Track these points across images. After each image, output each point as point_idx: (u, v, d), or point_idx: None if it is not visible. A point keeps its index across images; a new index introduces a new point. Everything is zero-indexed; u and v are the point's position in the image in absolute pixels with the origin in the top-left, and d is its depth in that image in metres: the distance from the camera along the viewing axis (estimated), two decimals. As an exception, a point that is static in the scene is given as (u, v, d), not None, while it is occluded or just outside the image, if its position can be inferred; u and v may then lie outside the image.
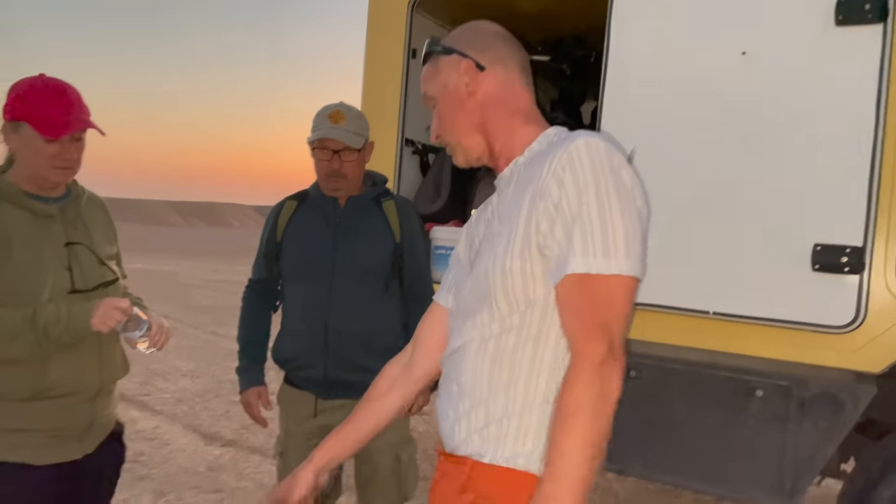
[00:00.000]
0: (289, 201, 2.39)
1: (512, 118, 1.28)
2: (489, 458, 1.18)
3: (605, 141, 1.15)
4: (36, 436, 1.72)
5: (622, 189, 1.12)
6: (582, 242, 1.09)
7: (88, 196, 1.92)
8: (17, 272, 1.68)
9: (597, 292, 1.09)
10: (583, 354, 1.08)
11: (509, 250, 1.17)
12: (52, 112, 1.70)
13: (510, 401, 1.18)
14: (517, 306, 1.17)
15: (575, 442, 1.04)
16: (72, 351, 1.72)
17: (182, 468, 4.14)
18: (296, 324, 2.29)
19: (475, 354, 1.22)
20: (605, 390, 1.06)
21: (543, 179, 1.14)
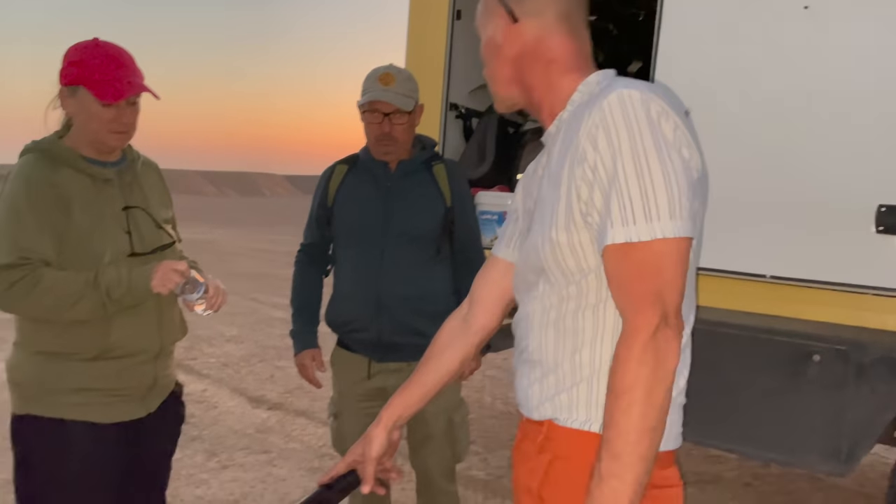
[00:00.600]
0: (339, 165, 2.39)
1: (548, 70, 1.22)
2: (563, 421, 1.18)
3: (642, 90, 1.07)
4: (101, 395, 1.77)
5: (662, 142, 1.04)
6: (619, 209, 1.03)
7: (143, 160, 1.94)
8: (79, 235, 1.71)
9: (642, 261, 1.03)
10: (633, 327, 1.04)
11: (554, 222, 1.13)
12: (109, 76, 1.71)
13: (577, 369, 1.16)
14: (572, 276, 1.15)
15: (632, 419, 1.01)
16: (133, 313, 1.76)
17: (231, 430, 4.25)
18: (348, 287, 2.30)
19: (539, 324, 1.21)
20: (659, 362, 1.02)
21: (579, 141, 1.09)
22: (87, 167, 1.76)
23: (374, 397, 2.34)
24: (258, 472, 3.66)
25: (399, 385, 2.26)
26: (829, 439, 2.35)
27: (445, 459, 2.35)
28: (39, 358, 1.72)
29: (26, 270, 1.62)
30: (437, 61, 3.15)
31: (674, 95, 1.20)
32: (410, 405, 1.47)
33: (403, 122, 2.22)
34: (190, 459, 3.72)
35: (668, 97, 1.13)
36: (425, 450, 2.31)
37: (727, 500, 3.49)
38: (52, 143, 1.75)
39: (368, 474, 1.42)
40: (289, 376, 5.51)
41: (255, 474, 3.64)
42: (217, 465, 3.72)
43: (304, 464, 3.79)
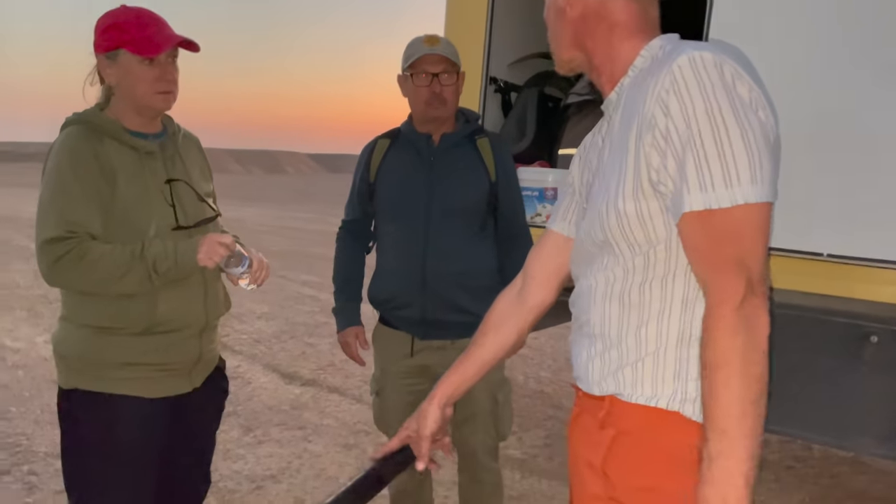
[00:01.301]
0: (381, 140, 2.34)
1: (611, 33, 1.17)
2: (627, 397, 1.14)
3: (714, 52, 1.02)
4: (148, 369, 1.75)
5: (739, 104, 0.99)
6: (696, 174, 0.99)
7: (184, 133, 1.91)
8: (124, 208, 1.68)
9: (722, 228, 0.99)
10: (719, 298, 0.99)
11: (621, 190, 1.08)
12: (147, 31, 1.70)
13: (642, 343, 1.12)
14: (639, 248, 1.10)
15: (733, 394, 0.96)
16: (179, 287, 1.74)
17: (266, 405, 4.26)
18: (391, 263, 2.26)
19: (602, 297, 1.16)
20: (752, 331, 0.97)
21: (647, 107, 1.04)
22: (131, 139, 1.73)
23: (416, 375, 2.30)
24: (294, 448, 3.67)
25: (442, 363, 2.26)
26: (885, 422, 2.28)
27: (489, 437, 2.32)
28: (86, 332, 1.71)
29: (73, 244, 1.60)
30: (478, 33, 3.07)
31: (745, 57, 1.12)
32: (464, 382, 1.45)
33: (452, 84, 2.17)
34: (226, 434, 3.73)
35: (740, 59, 1.06)
36: (469, 427, 2.28)
37: (769, 482, 3.43)
38: (95, 115, 1.72)
39: (423, 451, 1.41)
40: (320, 353, 5.53)
41: (290, 450, 3.65)
42: (253, 440, 3.73)
43: (339, 440, 3.79)
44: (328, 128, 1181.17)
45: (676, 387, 1.09)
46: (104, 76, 1.74)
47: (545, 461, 3.60)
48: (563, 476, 3.43)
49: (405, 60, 2.18)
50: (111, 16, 1.73)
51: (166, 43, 1.71)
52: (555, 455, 3.67)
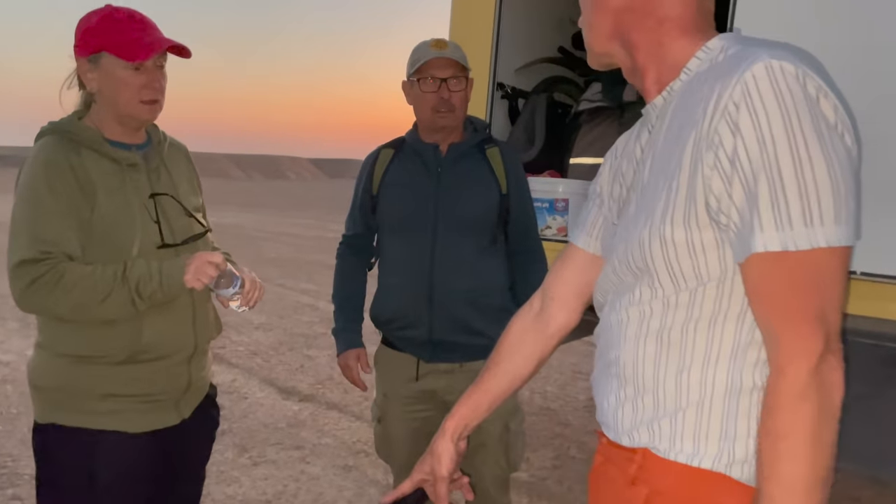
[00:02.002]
0: (384, 150, 2.19)
1: (659, 29, 1.01)
2: (664, 453, 0.98)
3: (794, 61, 0.86)
4: (132, 401, 1.61)
5: (823, 127, 0.84)
6: (772, 209, 0.83)
7: (170, 142, 1.77)
8: (104, 225, 1.54)
9: (800, 274, 0.84)
10: (792, 355, 0.85)
11: (668, 215, 0.93)
12: (133, 35, 1.56)
13: (682, 391, 0.97)
14: (684, 283, 0.95)
15: (799, 469, 0.83)
16: (165, 310, 1.60)
17: (262, 423, 4.11)
18: (396, 280, 2.11)
19: (635, 335, 1.01)
20: (827, 396, 0.83)
21: (711, 120, 0.88)
22: (112, 150, 1.59)
23: (422, 400, 2.16)
24: (291, 470, 3.52)
25: (449, 388, 2.11)
26: (922, 451, 2.13)
27: (500, 469, 2.17)
28: (65, 361, 1.56)
29: (48, 266, 1.46)
30: (485, 36, 2.93)
31: (821, 65, 0.97)
32: (477, 414, 1.30)
33: (461, 89, 2.04)
34: (220, 455, 3.58)
35: (819, 69, 0.91)
36: (478, 458, 2.13)
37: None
38: (72, 124, 1.58)
39: (441, 493, 1.27)
40: (319, 366, 5.38)
41: (287, 472, 3.49)
42: (248, 461, 3.58)
43: (338, 461, 3.63)
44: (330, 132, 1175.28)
45: (723, 446, 0.95)
46: (84, 81, 1.60)
47: (554, 484, 3.44)
48: (573, 500, 3.28)
49: (411, 65, 2.04)
50: (95, 15, 1.59)
51: (155, 47, 1.57)
52: (564, 478, 3.51)
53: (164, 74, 1.64)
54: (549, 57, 3.46)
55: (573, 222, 2.83)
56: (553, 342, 1.29)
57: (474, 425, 1.32)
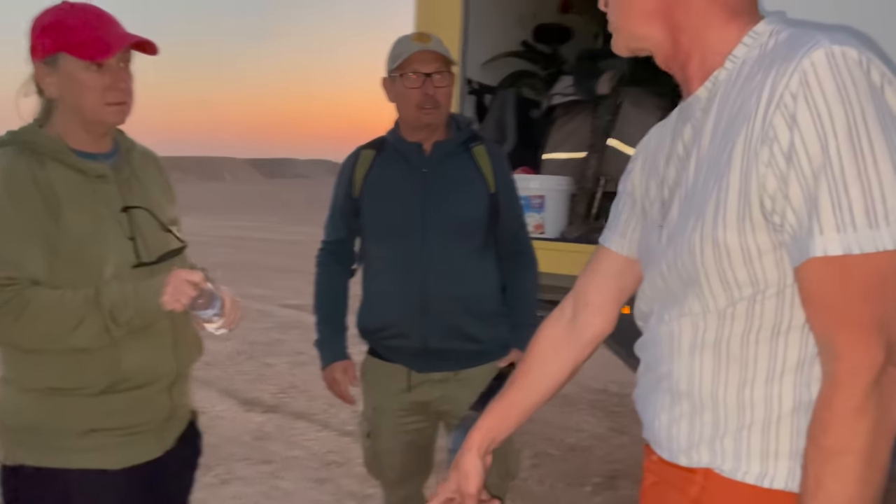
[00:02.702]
0: (364, 150, 2.09)
1: (710, 8, 0.93)
2: (729, 473, 0.92)
3: (857, 46, 0.80)
4: (111, 435, 1.47)
5: (889, 120, 0.78)
6: (833, 209, 0.77)
7: (140, 150, 1.63)
8: (73, 244, 1.40)
9: (861, 279, 0.78)
10: (851, 367, 0.79)
11: (720, 217, 0.86)
12: (93, 33, 1.41)
13: (746, 408, 0.91)
14: (739, 292, 0.88)
15: (848, 488, 0.78)
16: (145, 335, 1.46)
17: (226, 438, 3.93)
18: (385, 288, 2.01)
19: (690, 347, 0.95)
20: (884, 412, 0.78)
21: (765, 113, 0.82)
22: (78, 161, 1.44)
23: (415, 412, 2.06)
24: (261, 486, 3.37)
25: (444, 397, 2.02)
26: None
27: (498, 477, 2.09)
28: (34, 396, 1.41)
29: (12, 292, 1.31)
30: (453, 32, 2.84)
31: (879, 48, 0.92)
32: (505, 426, 1.23)
33: (446, 85, 1.94)
34: (186, 475, 3.40)
35: (878, 51, 0.86)
36: (474, 469, 2.04)
37: None
38: (34, 133, 1.43)
39: None
40: (280, 374, 5.21)
41: (258, 488, 3.34)
42: (216, 479, 3.40)
43: (311, 473, 3.50)
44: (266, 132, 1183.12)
45: (793, 464, 0.89)
46: (43, 87, 1.44)
47: (535, 485, 3.40)
48: (556, 500, 3.24)
49: (393, 60, 1.94)
50: (49, 14, 1.43)
51: (118, 44, 1.42)
52: (545, 477, 3.47)
53: (131, 73, 1.50)
54: (513, 51, 3.40)
55: (550, 218, 2.78)
56: (589, 349, 1.22)
57: (502, 438, 1.24)
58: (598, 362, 5.78)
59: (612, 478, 3.45)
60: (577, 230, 2.73)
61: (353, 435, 3.95)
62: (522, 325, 2.06)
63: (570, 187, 2.82)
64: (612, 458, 3.70)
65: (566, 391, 4.78)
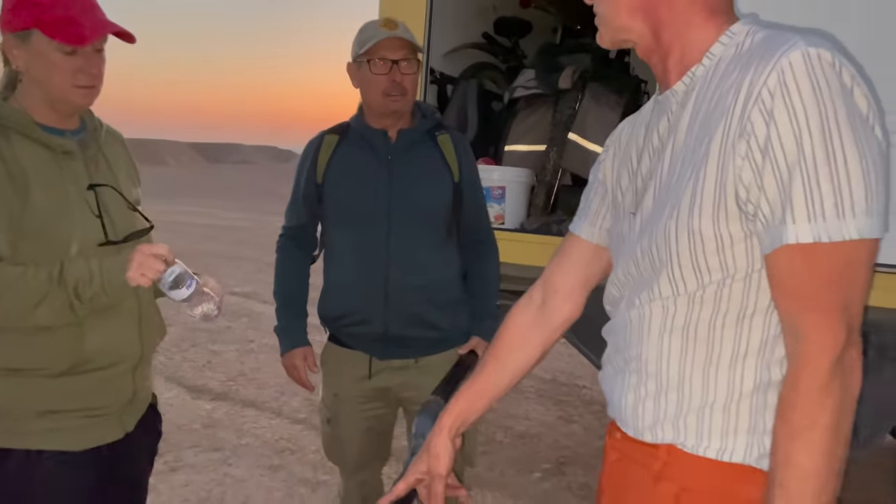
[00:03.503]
0: (328, 136, 2.08)
1: (692, 6, 0.98)
2: (691, 448, 0.98)
3: (830, 49, 0.85)
4: (73, 417, 1.45)
5: (857, 119, 0.84)
6: (805, 200, 0.83)
7: (107, 129, 1.60)
8: (40, 220, 1.37)
9: (829, 266, 0.84)
10: (816, 346, 0.85)
11: (696, 206, 0.91)
12: (71, 14, 1.37)
13: (709, 388, 0.96)
14: (709, 277, 0.93)
15: (815, 460, 0.84)
16: (109, 314, 1.45)
17: (175, 425, 3.86)
18: (348, 275, 2.01)
19: (659, 331, 1.00)
20: (847, 389, 0.85)
21: (742, 109, 0.87)
22: (44, 136, 1.41)
23: (375, 398, 2.08)
24: (213, 473, 3.33)
25: (404, 384, 2.04)
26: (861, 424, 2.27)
27: (456, 465, 2.12)
28: (-6, 376, 1.37)
29: None
30: (418, 20, 2.84)
31: (848, 51, 0.98)
32: (475, 409, 1.27)
33: (413, 72, 1.95)
34: (133, 462, 3.34)
35: (848, 55, 0.91)
36: (434, 454, 2.07)
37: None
38: None
39: (438, 494, 1.23)
40: (227, 362, 5.14)
41: (209, 475, 3.30)
42: (165, 466, 3.35)
43: (263, 461, 3.48)
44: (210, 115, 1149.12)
45: (751, 440, 0.95)
46: (10, 58, 1.40)
47: (485, 471, 3.45)
48: (505, 486, 3.30)
49: (359, 45, 1.93)
50: None
51: (97, 31, 1.40)
52: (494, 463, 3.52)
53: (103, 58, 1.47)
54: (475, 42, 3.43)
55: (510, 209, 2.82)
56: (557, 335, 1.27)
57: (472, 421, 1.28)
58: (548, 352, 5.87)
59: (561, 464, 3.53)
60: (536, 221, 2.78)
61: (305, 423, 3.93)
62: (483, 313, 2.10)
63: (530, 179, 2.87)
64: (561, 445, 3.79)
65: (516, 381, 4.86)
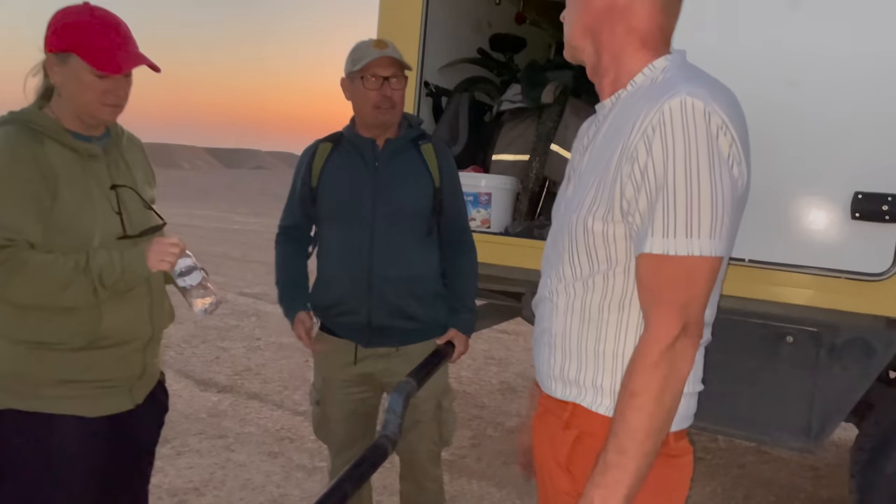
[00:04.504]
0: (322, 144, 2.29)
1: (627, 37, 1.18)
2: (588, 405, 1.21)
3: (706, 99, 1.05)
4: (88, 387, 1.66)
5: (716, 160, 1.04)
6: (662, 219, 1.05)
7: (128, 136, 1.81)
8: (67, 215, 1.58)
9: (674, 273, 1.06)
10: (655, 332, 1.07)
11: (593, 209, 1.14)
12: (107, 44, 1.58)
13: (600, 359, 1.19)
14: (598, 266, 1.16)
15: (641, 419, 1.06)
16: (124, 298, 1.66)
17: (182, 414, 4.08)
18: (336, 269, 2.22)
19: (564, 310, 1.22)
20: (674, 370, 1.06)
21: (633, 137, 1.08)
22: (72, 141, 1.62)
23: (360, 383, 2.28)
24: (216, 458, 3.54)
25: (387, 370, 2.25)
26: (801, 416, 2.45)
27: (433, 444, 2.33)
28: (22, 348, 1.59)
29: (11, 252, 1.49)
30: (412, 38, 3.06)
31: (734, 98, 1.17)
32: None
33: (401, 88, 2.16)
34: (142, 447, 3.55)
35: (730, 102, 1.11)
36: (413, 434, 2.27)
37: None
38: (34, 114, 1.60)
39: None
40: (235, 357, 5.36)
41: (212, 460, 3.52)
42: (171, 451, 3.57)
43: (264, 448, 3.69)
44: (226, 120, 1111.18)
45: None
46: (50, 74, 1.61)
47: (474, 462, 3.64)
48: (491, 477, 3.49)
49: (353, 63, 2.14)
50: (71, 15, 1.59)
51: (128, 63, 1.60)
52: (483, 455, 3.72)
53: (130, 81, 1.66)
54: (470, 57, 3.63)
55: (496, 214, 3.02)
56: None
57: None
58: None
59: (546, 458, 3.71)
60: (519, 226, 2.97)
61: (305, 415, 4.14)
62: (460, 307, 2.30)
63: (515, 187, 3.06)
64: (548, 441, 3.96)
65: (510, 380, 5.04)
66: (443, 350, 2.20)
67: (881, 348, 2.32)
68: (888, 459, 2.45)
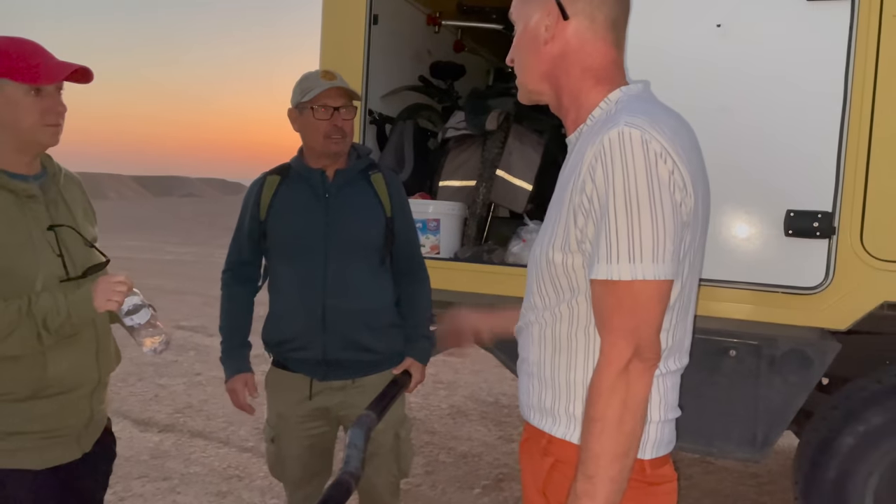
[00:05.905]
0: (270, 176, 2.27)
1: (583, 77, 1.21)
2: (562, 435, 1.22)
3: (644, 128, 1.08)
4: (35, 438, 1.59)
5: (655, 186, 1.06)
6: (606, 246, 1.08)
7: (65, 173, 1.76)
8: (6, 259, 1.52)
9: (621, 298, 1.08)
10: (607, 357, 1.09)
11: (553, 241, 1.18)
12: (35, 61, 1.56)
13: (572, 387, 1.21)
14: (563, 295, 1.19)
15: (604, 444, 1.07)
16: (70, 342, 1.60)
17: (123, 457, 3.86)
18: (288, 304, 2.19)
19: (538, 340, 1.25)
20: (630, 393, 1.08)
21: (583, 168, 1.11)
22: (9, 182, 1.57)
23: (316, 418, 2.24)
24: (161, 502, 3.41)
25: (343, 403, 2.23)
26: (746, 428, 2.53)
27: (392, 475, 2.30)
28: (-39, 401, 1.51)
29: None
30: (355, 67, 3.06)
31: (684, 127, 1.22)
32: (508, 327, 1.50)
33: (351, 118, 2.17)
34: (81, 494, 3.39)
35: (676, 130, 1.14)
36: (371, 467, 2.24)
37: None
38: None
39: None
40: (175, 395, 5.18)
41: (157, 504, 3.39)
42: (114, 497, 3.41)
43: (211, 488, 3.57)
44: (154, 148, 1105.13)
45: None
46: None
47: (428, 489, 3.61)
48: (446, 502, 3.46)
49: (302, 94, 2.13)
50: None
51: (61, 70, 1.57)
52: (437, 482, 3.69)
53: (62, 100, 1.64)
54: (411, 85, 3.66)
55: (445, 240, 3.04)
56: None
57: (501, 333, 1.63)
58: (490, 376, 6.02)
59: (500, 480, 3.72)
60: (468, 251, 2.99)
61: (253, 451, 4.03)
62: (415, 335, 2.30)
63: (462, 212, 3.09)
64: (500, 462, 3.98)
65: (460, 403, 5.04)
66: (400, 380, 2.19)
67: (818, 358, 2.43)
68: (829, 464, 2.56)
